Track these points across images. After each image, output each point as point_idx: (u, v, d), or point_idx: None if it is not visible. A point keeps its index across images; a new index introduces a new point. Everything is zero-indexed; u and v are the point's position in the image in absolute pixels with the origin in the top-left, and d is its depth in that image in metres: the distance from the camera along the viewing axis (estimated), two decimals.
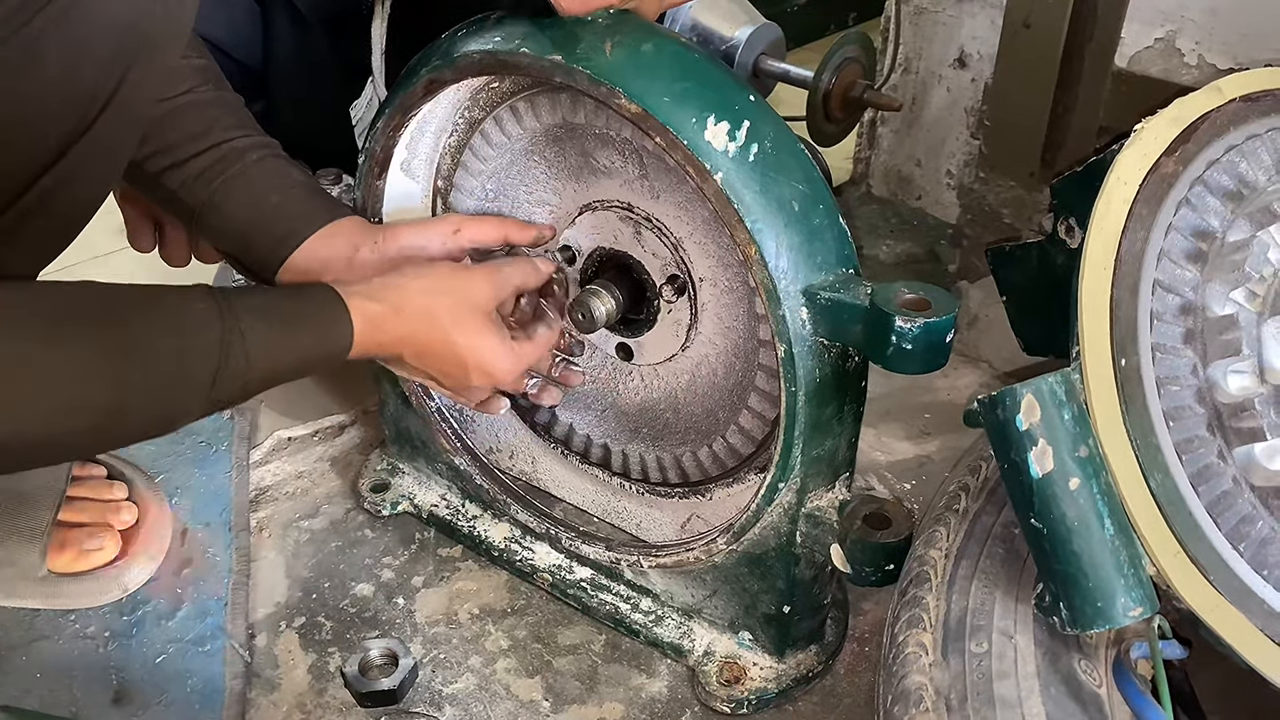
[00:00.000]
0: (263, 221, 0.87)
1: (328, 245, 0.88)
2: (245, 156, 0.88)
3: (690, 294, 0.92)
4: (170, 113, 0.86)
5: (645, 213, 0.92)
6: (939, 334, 0.74)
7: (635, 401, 1.04)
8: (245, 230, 0.88)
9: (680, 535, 1.04)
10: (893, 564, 0.84)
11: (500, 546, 1.09)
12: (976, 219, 1.46)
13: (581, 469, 1.10)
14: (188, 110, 0.87)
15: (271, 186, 0.88)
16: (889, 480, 1.19)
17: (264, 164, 0.88)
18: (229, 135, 0.88)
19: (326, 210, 0.89)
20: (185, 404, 0.71)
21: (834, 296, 0.78)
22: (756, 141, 0.79)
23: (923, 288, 0.76)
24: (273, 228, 0.87)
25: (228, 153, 0.87)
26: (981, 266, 1.35)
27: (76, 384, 0.64)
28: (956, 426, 1.25)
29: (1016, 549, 0.77)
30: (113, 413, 0.67)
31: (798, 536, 0.89)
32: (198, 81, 0.87)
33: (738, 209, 0.78)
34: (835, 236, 0.81)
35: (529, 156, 0.98)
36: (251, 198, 0.87)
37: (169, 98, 0.86)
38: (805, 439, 0.83)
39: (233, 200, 0.87)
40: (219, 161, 0.87)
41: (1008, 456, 0.69)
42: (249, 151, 0.88)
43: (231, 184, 0.86)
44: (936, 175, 1.62)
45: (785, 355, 0.80)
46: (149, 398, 0.68)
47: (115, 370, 0.66)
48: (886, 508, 0.86)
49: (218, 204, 0.87)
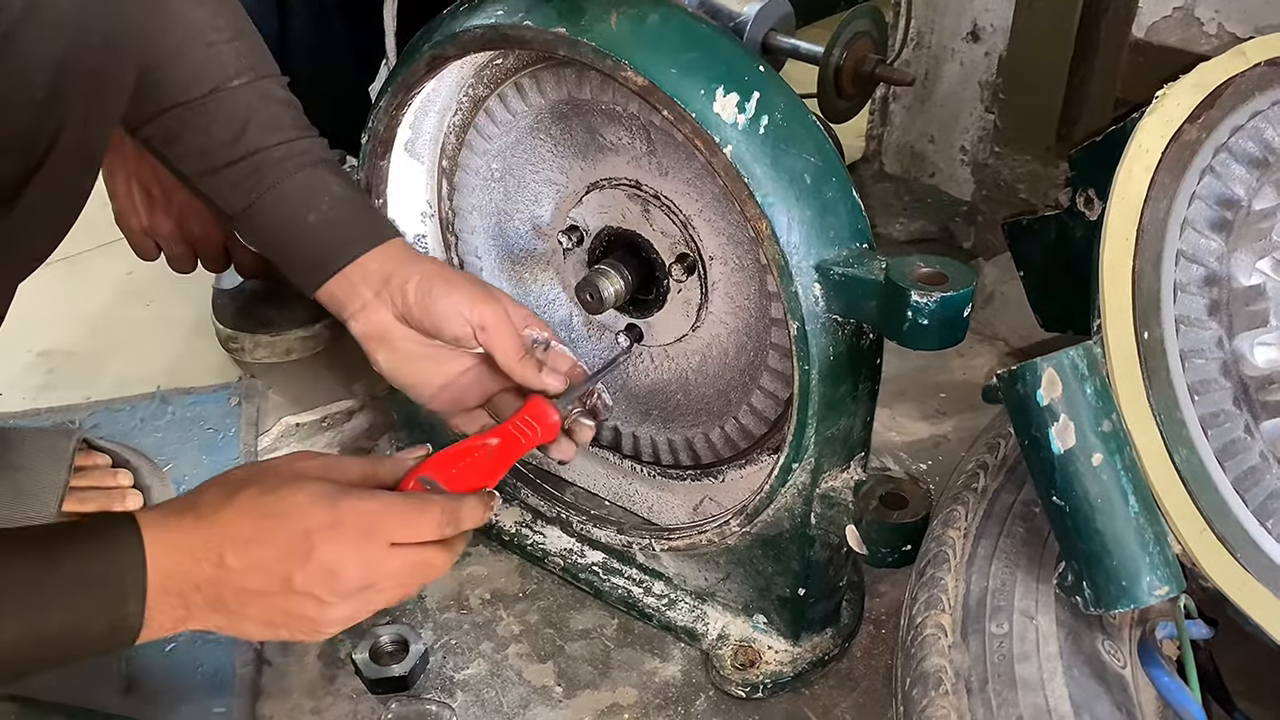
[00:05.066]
0: (298, 244, 0.83)
1: (360, 271, 0.82)
2: (282, 167, 0.82)
3: (700, 272, 0.91)
4: (198, 114, 0.80)
5: (653, 190, 0.91)
6: (956, 308, 0.73)
7: (645, 383, 1.03)
8: (280, 249, 0.84)
9: (692, 518, 1.03)
10: (910, 545, 0.83)
11: (511, 531, 1.08)
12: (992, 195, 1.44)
13: (592, 452, 1.09)
14: (219, 111, 0.81)
15: (308, 204, 0.82)
16: (904, 460, 1.18)
17: (300, 177, 0.82)
18: (264, 141, 0.81)
19: (364, 235, 0.83)
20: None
21: (848, 271, 0.77)
22: (767, 113, 0.77)
23: (939, 261, 0.75)
24: (308, 251, 0.82)
25: (262, 164, 0.81)
26: (997, 243, 1.33)
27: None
28: (972, 406, 1.24)
29: (1037, 528, 0.76)
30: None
31: (812, 518, 0.87)
32: (231, 73, 0.81)
33: (748, 183, 0.76)
34: (848, 210, 0.80)
35: (535, 134, 0.97)
36: (287, 216, 0.82)
37: (195, 98, 0.80)
38: (819, 418, 0.82)
39: (268, 216, 0.82)
40: (253, 174, 0.81)
41: (1028, 432, 0.68)
42: (285, 162, 0.82)
43: (266, 200, 0.82)
44: (950, 151, 1.60)
45: (798, 333, 0.79)
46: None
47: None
48: (903, 487, 0.85)
49: (253, 219, 0.83)
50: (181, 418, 1.18)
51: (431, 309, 0.81)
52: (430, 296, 0.81)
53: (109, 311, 1.44)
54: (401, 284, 0.81)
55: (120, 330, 1.40)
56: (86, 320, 1.41)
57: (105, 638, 0.62)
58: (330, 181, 0.84)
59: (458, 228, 1.04)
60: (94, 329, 1.40)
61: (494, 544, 1.09)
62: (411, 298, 0.81)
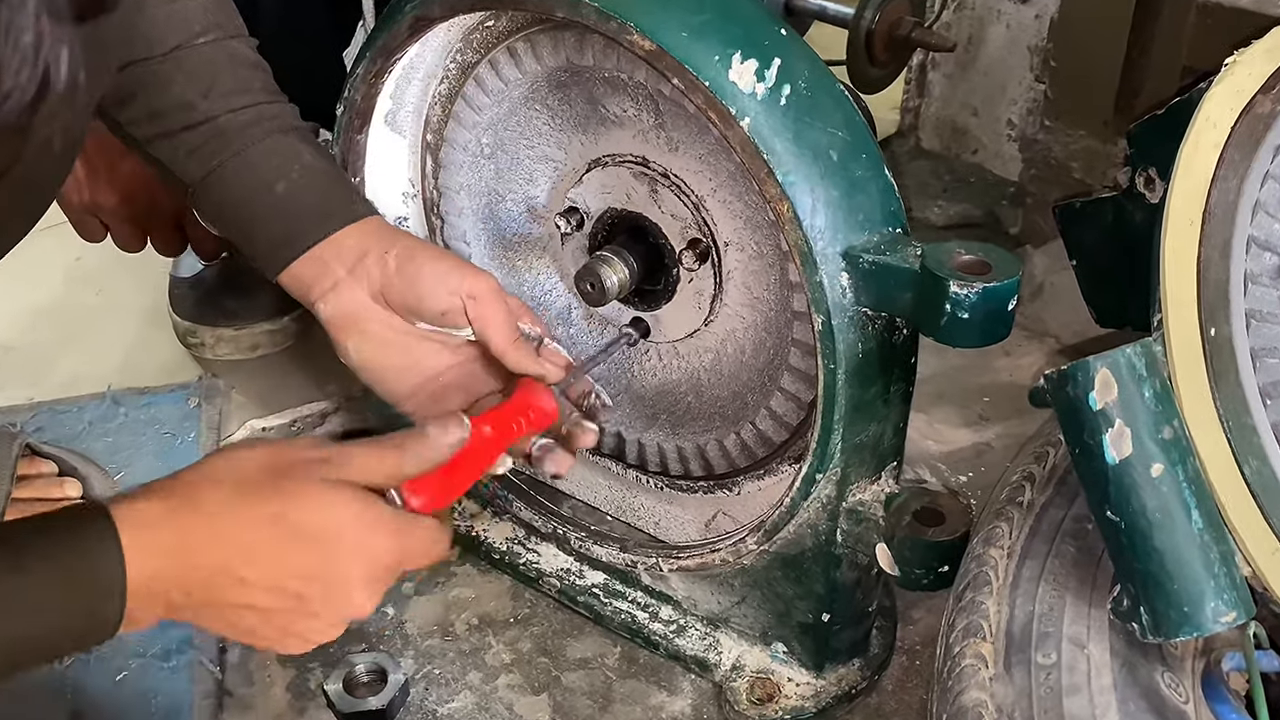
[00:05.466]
0: (263, 218, 0.82)
1: (334, 248, 0.81)
2: (247, 133, 0.81)
3: (714, 260, 0.91)
4: (158, 73, 0.81)
5: (662, 168, 0.91)
6: (1000, 300, 0.74)
7: (652, 384, 1.04)
8: (242, 225, 0.84)
9: (704, 535, 1.03)
10: (947, 565, 0.83)
11: (501, 549, 1.08)
12: (1042, 174, 1.45)
13: (592, 461, 1.09)
14: (179, 70, 0.81)
15: (276, 172, 0.82)
16: (942, 471, 1.19)
17: (269, 144, 0.82)
18: (229, 104, 0.81)
19: (338, 210, 0.83)
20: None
21: (879, 259, 0.77)
22: (789, 82, 0.78)
23: (981, 248, 0.75)
24: (275, 226, 0.82)
25: (226, 128, 0.81)
26: (1047, 229, 1.34)
27: None
28: (1019, 410, 1.24)
29: (1090, 546, 0.76)
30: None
31: (838, 535, 0.88)
32: (196, 30, 0.81)
33: (768, 160, 0.77)
34: (880, 190, 0.80)
35: (530, 105, 0.97)
36: (252, 186, 0.82)
37: (156, 56, 0.80)
38: (846, 423, 0.82)
39: (230, 187, 0.82)
40: (215, 138, 0.81)
41: (1080, 440, 0.68)
42: (252, 127, 0.82)
43: (228, 167, 0.81)
44: (996, 125, 1.60)
45: (823, 328, 0.79)
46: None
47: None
48: (940, 501, 0.85)
49: (212, 189, 0.82)
50: (135, 420, 1.19)
51: (415, 278, 0.80)
52: (414, 263, 0.80)
53: (54, 302, 1.45)
54: (381, 255, 0.81)
55: (67, 322, 1.41)
56: (29, 312, 1.42)
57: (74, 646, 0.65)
58: (302, 150, 0.84)
59: (444, 210, 1.05)
60: (37, 321, 1.41)
61: (483, 563, 1.09)
62: (392, 266, 0.80)
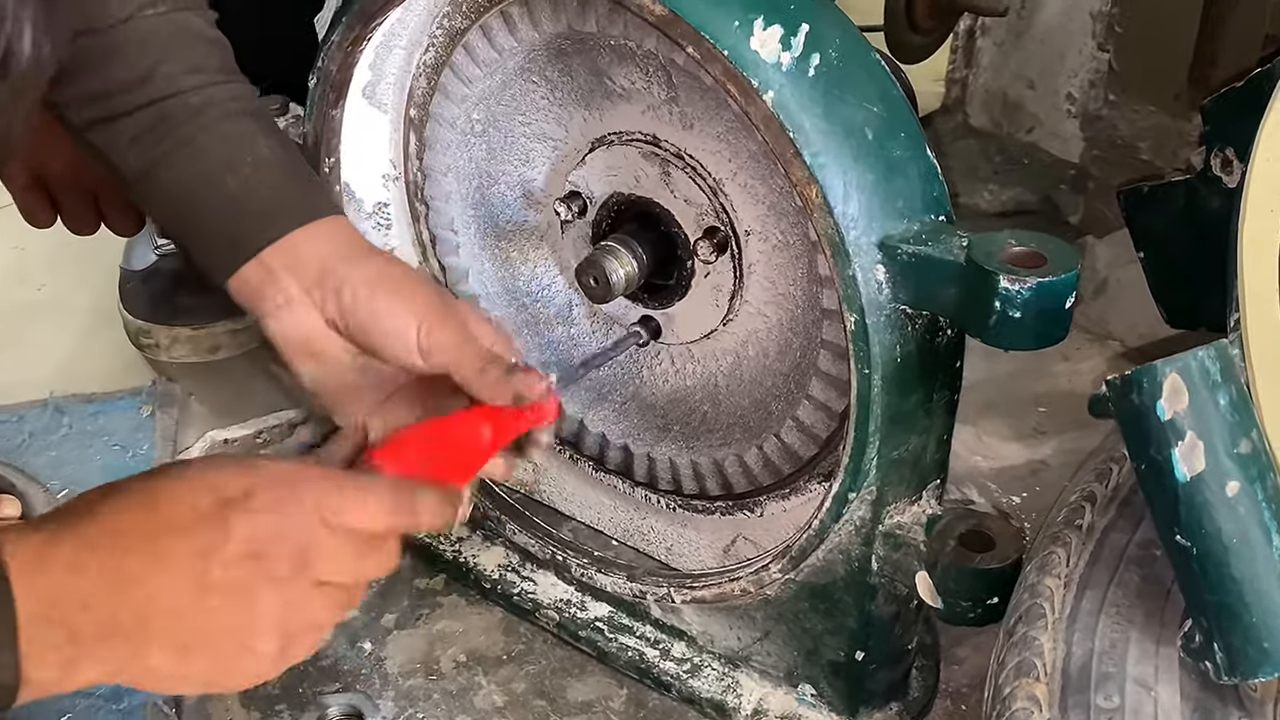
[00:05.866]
0: (213, 213, 0.82)
1: (285, 256, 0.81)
2: (198, 118, 0.81)
3: (733, 251, 0.92)
4: (97, 48, 0.80)
5: (675, 147, 0.91)
6: (1057, 297, 0.73)
7: (664, 390, 1.04)
8: (189, 222, 0.84)
9: (722, 561, 1.03)
10: (996, 596, 0.83)
11: (493, 576, 1.08)
12: (1105, 155, 1.45)
13: (596, 478, 1.09)
14: (121, 46, 0.80)
15: (229, 163, 0.81)
16: (992, 490, 1.18)
17: (223, 128, 0.82)
18: (177, 85, 0.81)
19: (290, 210, 0.82)
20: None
21: (919, 250, 0.77)
22: (818, 50, 0.78)
23: (1036, 238, 0.75)
24: (224, 224, 0.81)
25: (173, 112, 0.80)
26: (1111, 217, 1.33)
27: None
28: (1078, 422, 1.24)
29: (1157, 575, 0.76)
30: None
31: (874, 562, 0.88)
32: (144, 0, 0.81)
33: (794, 138, 0.77)
34: (921, 173, 0.80)
35: (526, 77, 0.98)
36: (201, 177, 0.82)
37: (96, 29, 0.79)
38: (883, 436, 0.82)
39: (174, 180, 0.81)
40: (161, 124, 0.80)
41: (1146, 455, 0.68)
42: (204, 111, 0.81)
43: (174, 158, 0.81)
44: (1054, 100, 1.60)
45: (856, 327, 0.79)
46: None
47: None
48: (988, 524, 0.85)
49: (158, 180, 0.82)
50: (81, 431, 1.19)
51: (372, 326, 0.80)
52: (372, 311, 0.80)
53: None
54: (337, 286, 0.80)
55: (4, 321, 1.42)
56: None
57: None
58: (258, 139, 0.84)
59: (429, 194, 1.06)
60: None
61: (471, 592, 1.09)
62: (347, 304, 0.80)
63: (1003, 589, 0.82)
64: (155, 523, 0.62)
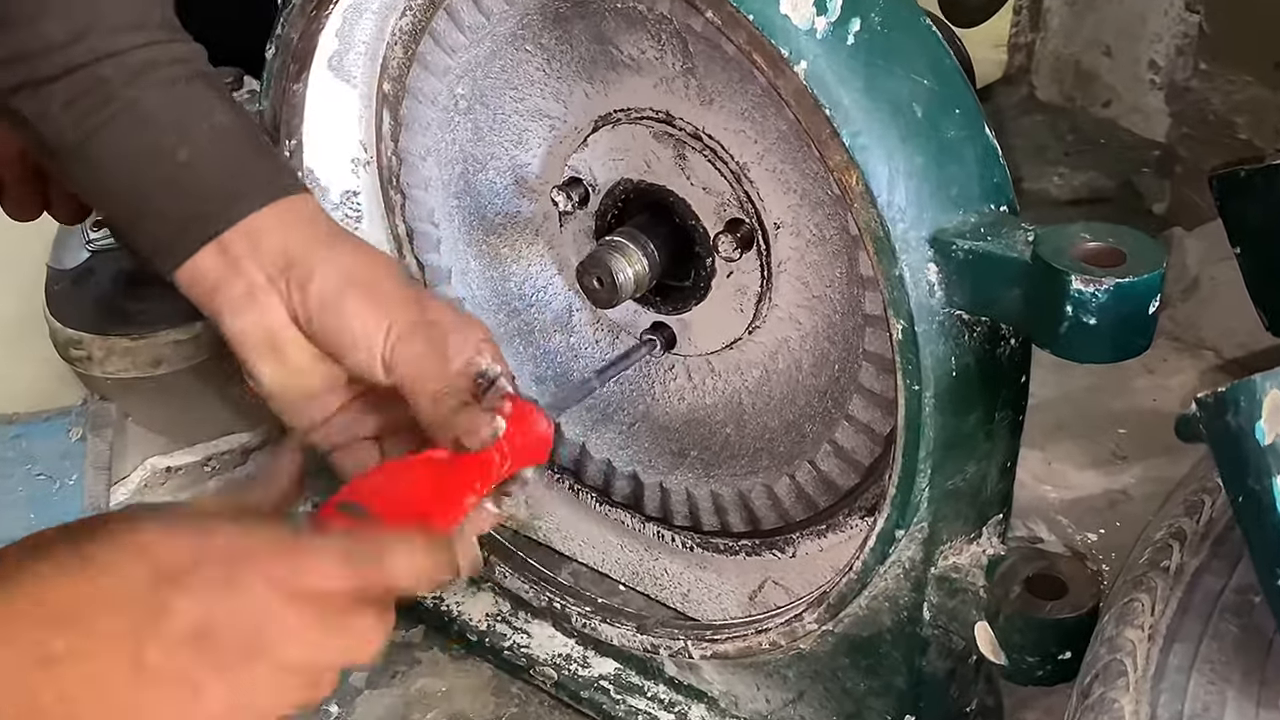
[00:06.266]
0: (162, 190, 0.82)
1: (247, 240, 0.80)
2: (141, 79, 0.80)
3: (760, 247, 0.92)
4: (21, 3, 0.80)
5: (692, 126, 0.92)
6: (1137, 301, 0.73)
7: (679, 410, 1.04)
8: (131, 202, 0.83)
9: (748, 610, 1.03)
10: (1069, 651, 0.83)
11: (480, 628, 1.09)
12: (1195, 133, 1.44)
13: (601, 512, 1.10)
14: (54, 1, 0.81)
15: (180, 132, 0.81)
16: (1064, 526, 1.18)
17: (171, 93, 0.81)
18: (115, 43, 0.81)
19: (255, 186, 0.82)
20: None
21: (977, 246, 0.77)
22: (858, 14, 0.78)
23: (1113, 231, 0.75)
24: (175, 203, 0.82)
25: (111, 75, 0.80)
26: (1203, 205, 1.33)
27: None
28: (1166, 446, 1.23)
29: (1256, 625, 0.76)
30: None
31: (925, 611, 0.88)
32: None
33: (831, 116, 0.77)
34: (978, 156, 0.80)
35: (518, 45, 0.98)
36: (146, 149, 0.81)
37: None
38: (935, 463, 0.82)
39: (117, 150, 0.81)
40: (98, 85, 0.80)
41: (1243, 485, 0.68)
42: (146, 73, 0.81)
43: (114, 126, 0.80)
44: (1134, 69, 1.60)
45: (904, 336, 0.79)
46: None
47: None
48: (1060, 566, 0.85)
49: (95, 153, 0.81)
50: (1, 458, 1.19)
51: (338, 328, 0.80)
52: (339, 311, 0.80)
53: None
54: (304, 278, 0.80)
55: None
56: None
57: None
58: (214, 104, 0.83)
59: (406, 181, 1.06)
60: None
61: (455, 646, 1.09)
62: (314, 300, 0.80)
63: (1076, 642, 0.82)
64: (86, 595, 0.61)
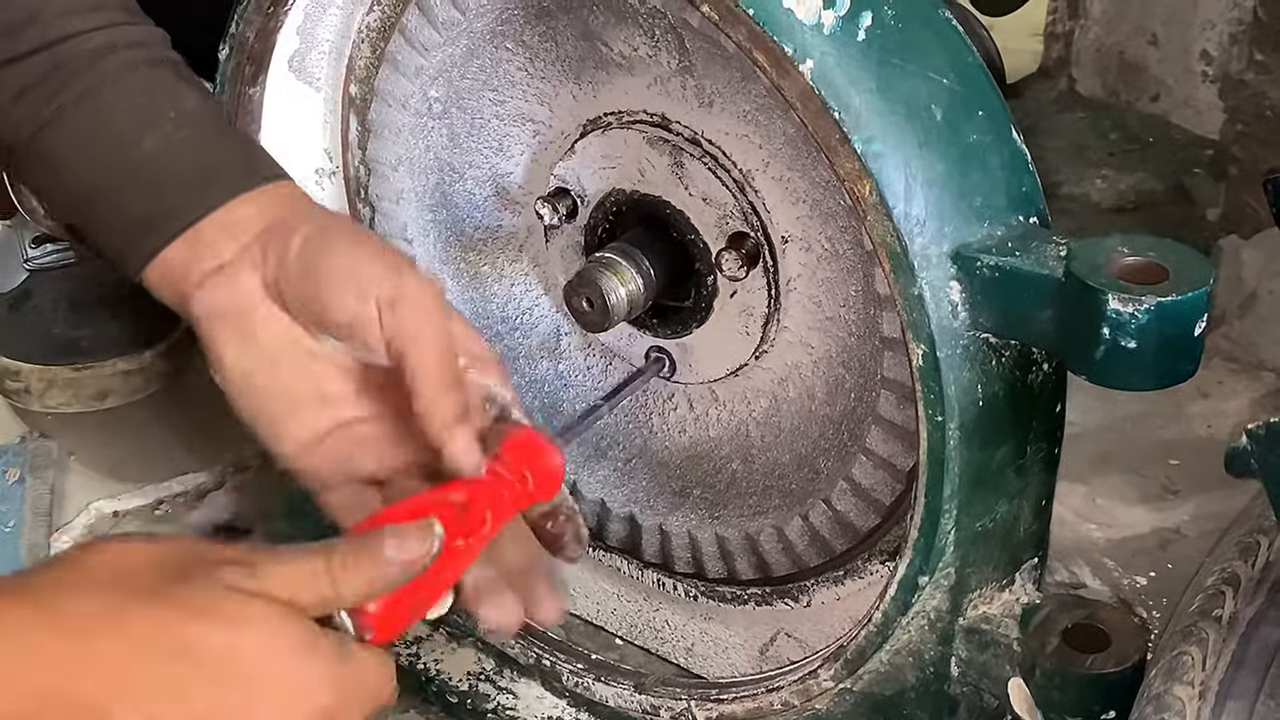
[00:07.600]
0: (127, 183, 0.83)
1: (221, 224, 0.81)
2: (101, 65, 0.82)
3: (767, 264, 0.92)
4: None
5: (690, 131, 0.92)
6: (1182, 322, 0.73)
7: (680, 444, 1.04)
8: (92, 196, 0.84)
9: (759, 666, 1.03)
10: (1112, 709, 0.83)
11: (461, 688, 1.09)
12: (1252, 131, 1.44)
13: (594, 559, 1.10)
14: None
15: (143, 122, 0.82)
16: (1109, 570, 1.18)
17: (134, 78, 0.83)
18: (74, 26, 0.82)
19: (230, 173, 0.83)
20: None
21: (1004, 263, 0.77)
22: (870, 8, 0.79)
23: (1154, 244, 0.76)
24: (141, 196, 0.83)
25: (69, 56, 0.82)
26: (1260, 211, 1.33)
27: None
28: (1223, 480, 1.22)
29: None
30: None
31: (953, 666, 0.88)
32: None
33: (840, 120, 0.77)
34: (1005, 162, 0.81)
35: (498, 43, 0.98)
36: (109, 138, 0.83)
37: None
38: (961, 502, 0.82)
39: (76, 140, 0.82)
40: (55, 71, 0.82)
41: None
42: (107, 56, 0.82)
43: (73, 115, 0.82)
44: (1185, 59, 1.60)
45: (925, 362, 0.79)
46: None
47: None
48: (1102, 616, 0.85)
49: (49, 148, 0.83)
50: None
51: (316, 267, 0.78)
52: (323, 250, 0.79)
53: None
54: (286, 235, 0.80)
55: None
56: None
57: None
58: (180, 90, 0.85)
59: (375, 193, 1.06)
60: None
61: (433, 708, 1.09)
62: (294, 254, 0.79)
63: (1120, 700, 0.82)
64: (173, 690, 0.62)
